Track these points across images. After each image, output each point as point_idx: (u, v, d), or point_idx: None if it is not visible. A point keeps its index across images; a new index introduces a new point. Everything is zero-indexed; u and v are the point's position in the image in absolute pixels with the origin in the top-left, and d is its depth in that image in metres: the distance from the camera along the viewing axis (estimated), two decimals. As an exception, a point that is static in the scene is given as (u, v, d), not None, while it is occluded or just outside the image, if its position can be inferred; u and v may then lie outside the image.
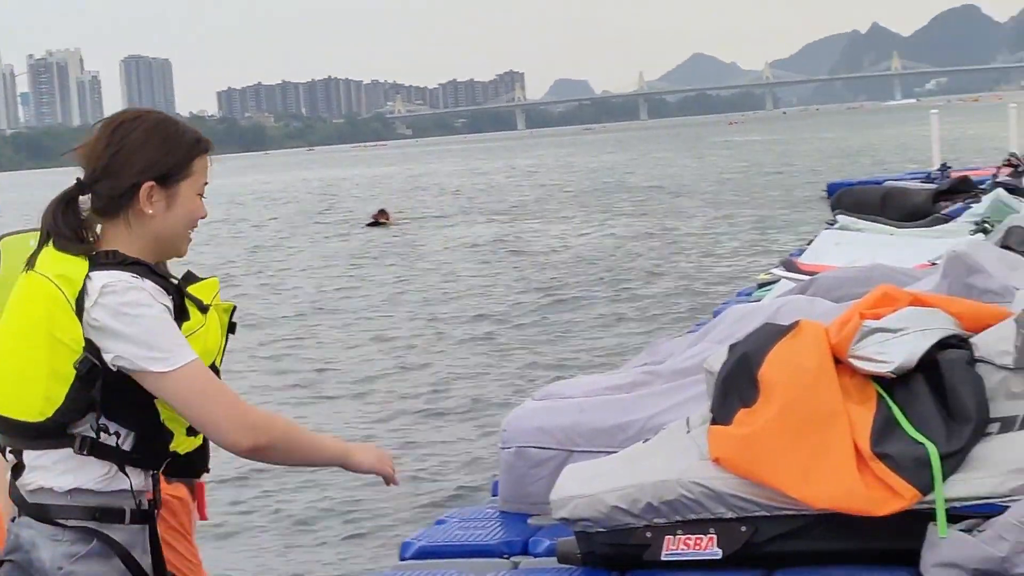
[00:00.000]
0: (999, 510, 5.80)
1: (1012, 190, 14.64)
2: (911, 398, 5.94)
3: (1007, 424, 6.25)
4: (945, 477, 5.57)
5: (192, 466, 3.79)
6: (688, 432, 5.88)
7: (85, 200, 3.70)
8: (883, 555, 5.76)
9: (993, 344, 6.47)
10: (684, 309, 24.52)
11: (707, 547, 5.54)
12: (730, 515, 5.57)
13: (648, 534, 5.54)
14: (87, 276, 3.52)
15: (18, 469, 3.68)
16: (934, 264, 9.71)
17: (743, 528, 5.64)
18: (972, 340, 6.54)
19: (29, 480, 3.63)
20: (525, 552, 6.10)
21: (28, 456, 3.62)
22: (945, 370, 5.93)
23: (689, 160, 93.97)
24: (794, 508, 5.76)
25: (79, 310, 3.50)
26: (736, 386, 5.82)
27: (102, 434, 3.56)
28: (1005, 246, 9.42)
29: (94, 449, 3.57)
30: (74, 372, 3.51)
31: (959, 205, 14.48)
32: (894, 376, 6.04)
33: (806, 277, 9.94)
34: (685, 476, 5.59)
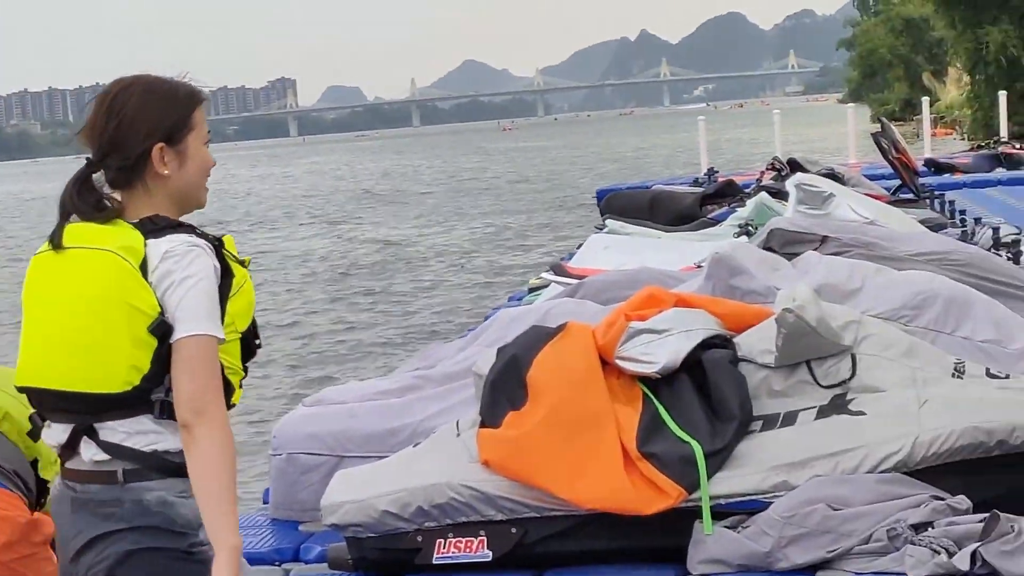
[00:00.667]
0: (762, 506, 5.94)
1: (775, 193, 14.96)
2: (676, 398, 6.04)
3: (769, 422, 6.40)
4: (710, 475, 5.68)
5: None
6: (458, 435, 5.89)
7: (99, 178, 3.73)
8: (652, 553, 5.85)
9: (755, 344, 6.62)
10: (458, 315, 24.63)
11: (477, 549, 5.56)
12: (500, 517, 5.60)
13: (419, 538, 5.54)
14: (145, 243, 3.57)
15: (71, 448, 3.69)
16: (699, 266, 9.89)
17: (513, 530, 5.67)
18: (735, 340, 6.68)
19: (102, 454, 3.63)
20: (296, 559, 6.06)
21: (113, 425, 3.62)
22: (709, 370, 6.05)
23: (465, 165, 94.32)
24: (563, 509, 5.82)
25: (144, 276, 3.55)
26: (505, 389, 5.85)
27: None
28: (767, 248, 9.62)
29: (171, 412, 3.59)
30: (153, 338, 3.54)
31: (725, 209, 14.76)
32: (660, 376, 6.13)
33: (575, 281, 10.05)
34: (455, 479, 5.60)
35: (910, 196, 20.35)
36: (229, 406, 3.70)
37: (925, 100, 39.60)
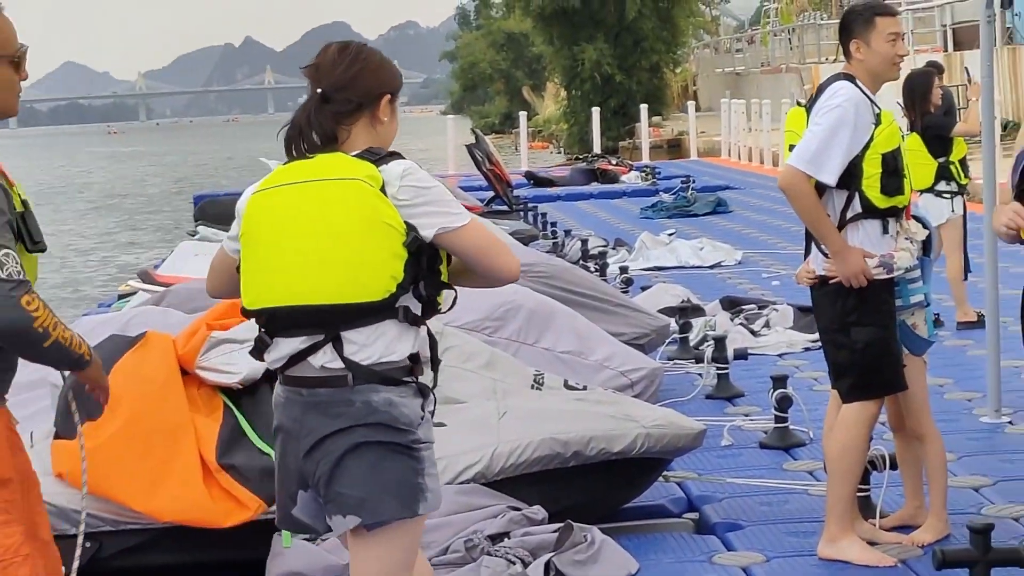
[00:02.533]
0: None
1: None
2: (258, 409, 5.99)
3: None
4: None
5: None
6: (32, 447, 5.69)
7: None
8: (231, 566, 5.78)
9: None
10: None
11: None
12: (74, 531, 5.42)
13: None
14: (379, 170, 4.08)
15: (301, 357, 4.08)
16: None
17: (87, 544, 5.52)
18: (319, 350, 6.68)
19: (353, 355, 4.05)
20: None
21: (352, 336, 4.05)
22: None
23: (65, 169, 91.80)
24: (140, 522, 5.70)
25: (387, 197, 4.06)
26: (80, 399, 5.67)
27: (415, 302, 4.09)
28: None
29: (409, 317, 4.07)
30: (406, 250, 4.03)
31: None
32: (242, 387, 6.08)
33: (163, 288, 9.88)
34: (25, 494, 5.41)
35: (503, 207, 20.83)
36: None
37: (523, 114, 40.51)
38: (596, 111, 38.74)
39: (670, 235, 16.07)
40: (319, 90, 4.22)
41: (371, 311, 4.04)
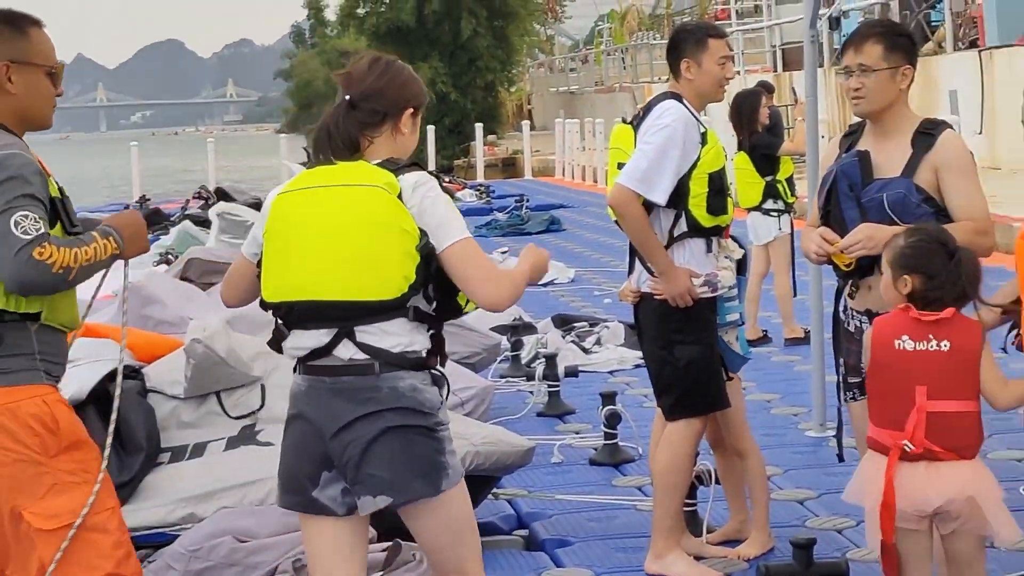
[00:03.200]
0: (169, 539, 5.86)
1: (200, 222, 14.91)
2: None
3: (177, 454, 6.33)
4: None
5: None
6: None
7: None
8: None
9: (164, 374, 6.54)
10: None
11: None
12: None
13: None
14: (398, 179, 4.33)
15: (326, 350, 4.32)
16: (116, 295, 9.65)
17: None
18: (144, 370, 6.59)
19: (360, 353, 4.30)
20: None
21: (366, 330, 4.30)
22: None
23: None
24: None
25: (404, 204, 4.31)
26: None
27: (424, 303, 4.35)
28: (185, 277, 9.56)
29: (418, 316, 4.33)
30: (419, 254, 4.28)
31: (150, 237, 14.52)
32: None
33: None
34: None
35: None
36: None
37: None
38: (431, 129, 38.73)
39: (503, 253, 16.11)
40: (347, 96, 4.48)
41: (383, 309, 4.30)
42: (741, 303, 6.16)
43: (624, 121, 6.22)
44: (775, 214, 10.99)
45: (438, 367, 4.41)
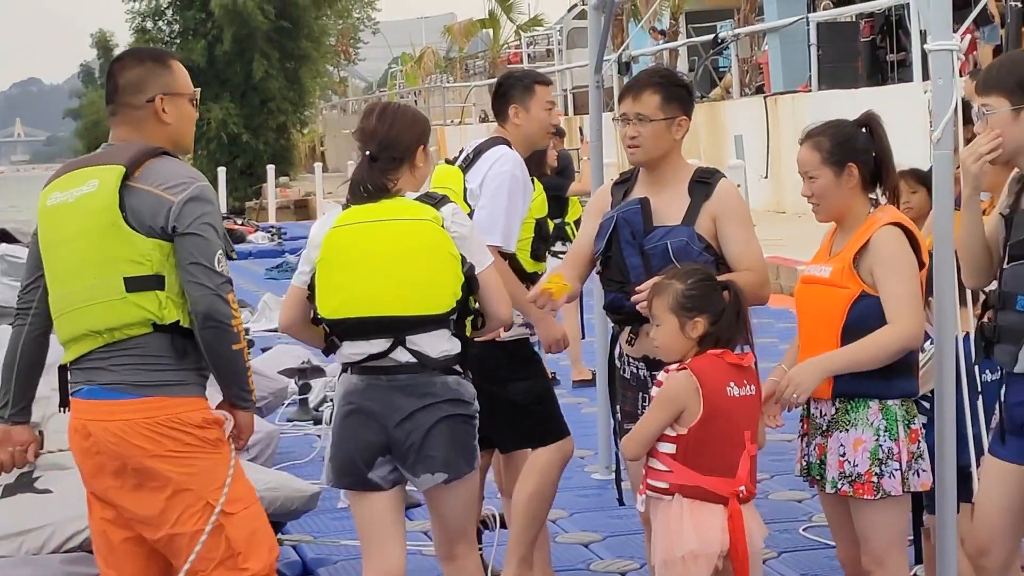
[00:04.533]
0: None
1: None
2: None
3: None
4: None
5: None
6: None
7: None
8: None
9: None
10: None
11: None
12: None
13: None
14: (439, 211, 5.07)
15: (383, 354, 5.04)
16: None
17: None
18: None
19: (421, 349, 5.05)
20: None
21: (415, 340, 5.04)
22: None
23: None
24: None
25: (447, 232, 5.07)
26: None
27: (463, 316, 5.12)
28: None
29: (457, 328, 5.10)
30: (463, 274, 5.05)
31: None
32: None
33: None
34: None
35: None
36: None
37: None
38: (222, 171, 38.38)
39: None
40: (367, 152, 5.20)
41: (434, 321, 5.04)
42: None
43: (447, 161, 6.22)
44: (563, 256, 11.04)
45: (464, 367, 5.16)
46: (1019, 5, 20.46)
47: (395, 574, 5.14)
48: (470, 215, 5.70)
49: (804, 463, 5.10)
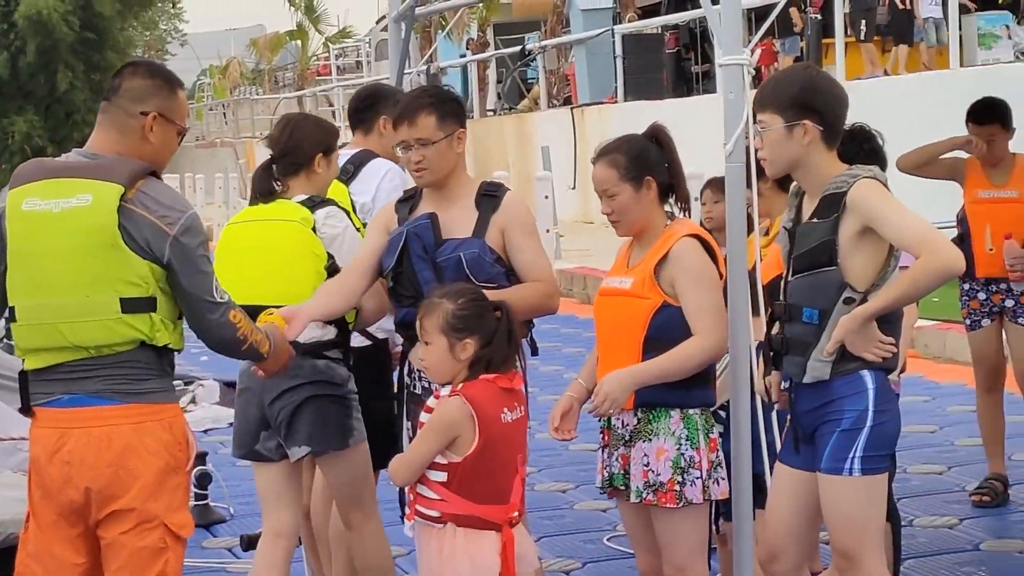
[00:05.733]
0: None
1: None
2: None
3: None
4: None
5: None
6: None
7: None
8: None
9: None
10: None
11: None
12: None
13: None
14: (314, 214, 5.55)
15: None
16: None
17: None
18: None
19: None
20: None
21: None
22: None
23: None
24: None
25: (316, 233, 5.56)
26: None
27: None
28: None
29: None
30: (326, 272, 5.51)
31: None
32: None
33: None
34: None
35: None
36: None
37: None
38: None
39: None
40: (270, 156, 5.77)
41: None
42: None
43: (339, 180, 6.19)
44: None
45: (342, 351, 5.60)
46: (819, 17, 20.95)
47: (284, 532, 5.58)
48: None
49: (606, 474, 5.10)
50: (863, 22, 20.75)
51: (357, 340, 5.78)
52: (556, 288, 5.40)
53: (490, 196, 5.34)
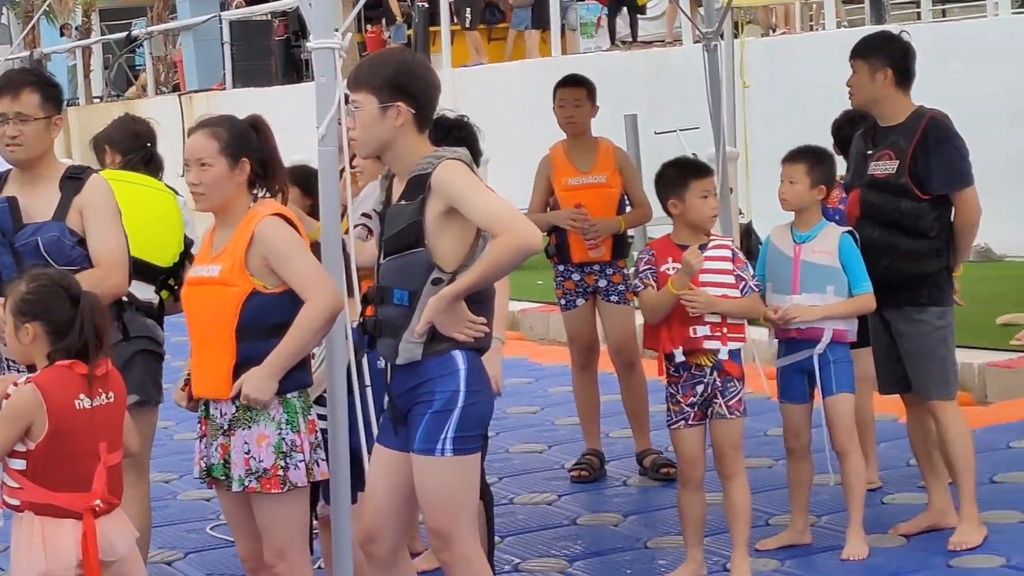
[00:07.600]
0: None
1: None
2: None
3: None
4: None
5: None
6: None
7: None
8: None
9: None
10: None
11: None
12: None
13: None
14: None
15: None
16: None
17: None
18: None
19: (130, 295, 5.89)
20: None
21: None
22: None
23: None
24: None
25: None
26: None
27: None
28: None
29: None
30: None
31: None
32: None
33: None
34: None
35: None
36: None
37: None
38: None
39: None
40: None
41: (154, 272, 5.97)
42: None
43: None
44: None
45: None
46: (426, 5, 21.18)
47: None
48: None
49: (204, 464, 5.04)
50: (468, 10, 21.07)
51: None
52: (116, 271, 5.41)
53: (74, 179, 5.31)
